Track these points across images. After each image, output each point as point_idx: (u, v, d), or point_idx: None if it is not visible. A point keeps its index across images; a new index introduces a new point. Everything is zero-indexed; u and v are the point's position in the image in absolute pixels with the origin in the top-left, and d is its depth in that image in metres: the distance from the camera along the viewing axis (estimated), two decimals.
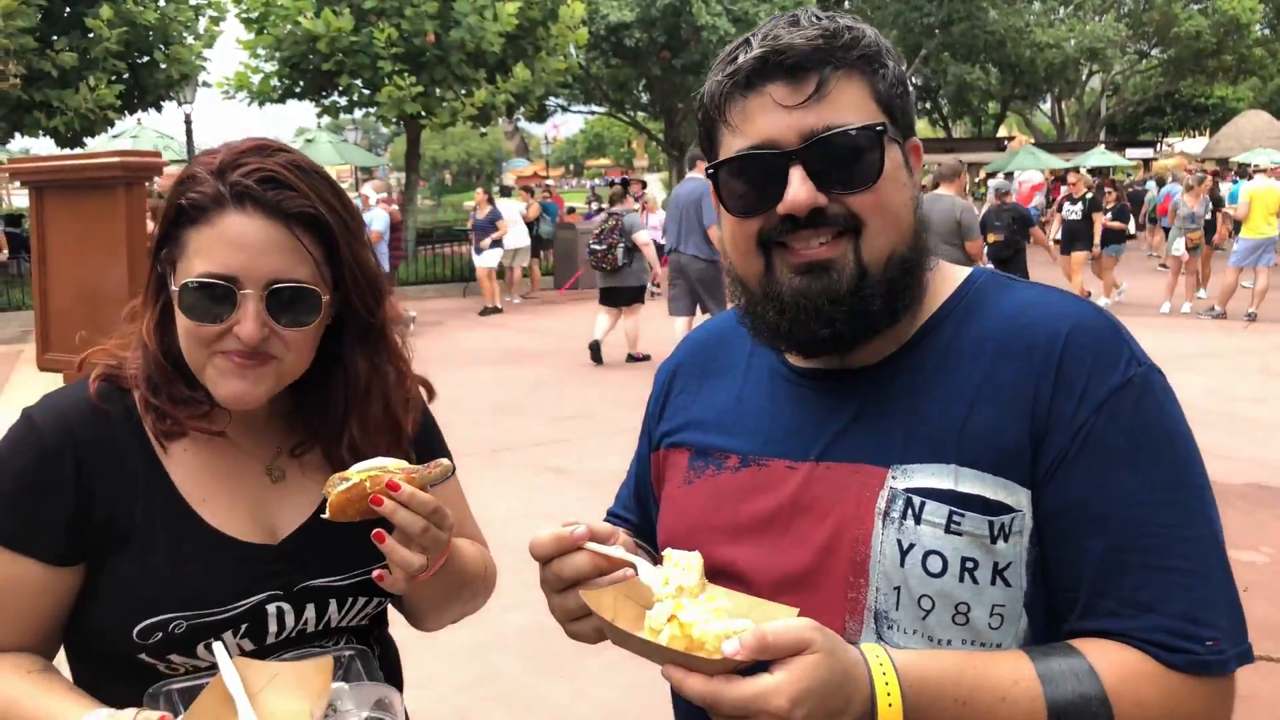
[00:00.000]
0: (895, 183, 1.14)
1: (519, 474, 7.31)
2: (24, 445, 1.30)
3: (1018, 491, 1.08)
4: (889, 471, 1.12)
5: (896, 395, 1.15)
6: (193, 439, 1.35)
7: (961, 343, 1.16)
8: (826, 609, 1.10)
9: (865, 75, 1.13)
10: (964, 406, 1.11)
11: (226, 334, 1.25)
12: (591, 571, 1.11)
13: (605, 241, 11.08)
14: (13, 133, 17.63)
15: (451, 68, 18.99)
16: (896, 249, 1.14)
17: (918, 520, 1.09)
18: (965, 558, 1.07)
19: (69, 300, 4.75)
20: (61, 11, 17.10)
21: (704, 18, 23.58)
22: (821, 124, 1.10)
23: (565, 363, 11.80)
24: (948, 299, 1.20)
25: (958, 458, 1.09)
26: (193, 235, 1.26)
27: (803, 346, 1.18)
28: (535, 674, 4.35)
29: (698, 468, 1.28)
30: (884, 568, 1.10)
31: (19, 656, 1.29)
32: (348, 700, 1.21)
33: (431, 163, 64.12)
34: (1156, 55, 38.71)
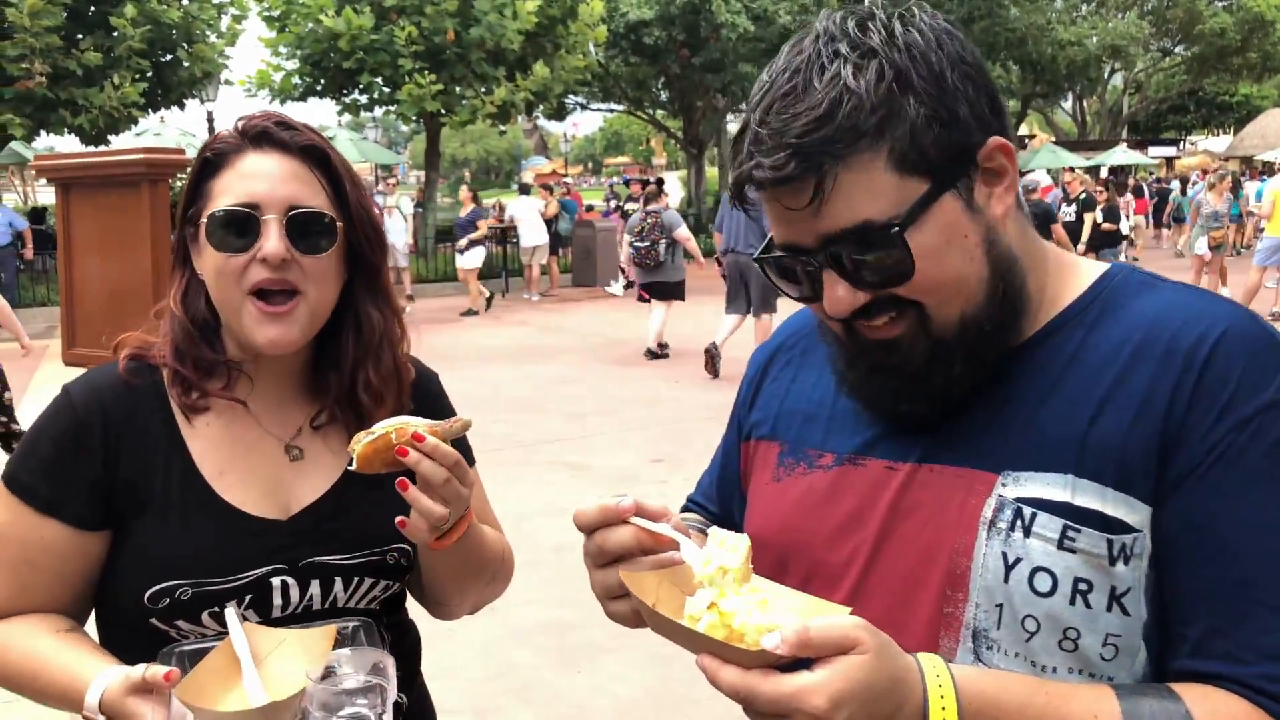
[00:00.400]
0: (945, 250, 1.00)
1: (537, 470, 7.35)
2: (60, 415, 1.39)
3: (1139, 509, 0.97)
4: (999, 478, 1.02)
5: (1013, 398, 1.05)
6: (216, 414, 1.41)
7: (1092, 346, 1.04)
8: (919, 623, 1.03)
9: (875, 149, 0.97)
10: (1089, 413, 1.00)
11: (252, 264, 1.32)
12: (635, 547, 1.05)
13: (647, 238, 11.55)
14: (38, 130, 17.79)
15: (471, 66, 19.05)
16: (968, 311, 1.03)
17: (1027, 533, 0.99)
18: (1079, 578, 0.97)
19: (94, 296, 4.81)
20: (86, 10, 17.24)
21: (723, 15, 23.52)
22: (834, 227, 0.99)
23: (584, 360, 11.84)
24: (1079, 296, 1.08)
25: (1077, 468, 0.98)
26: (215, 183, 1.37)
27: (891, 420, 1.11)
28: (553, 668, 4.38)
29: (788, 464, 1.20)
30: (986, 582, 1.00)
31: (50, 617, 1.37)
32: (346, 664, 1.24)
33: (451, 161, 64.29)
34: (1180, 52, 38.38)
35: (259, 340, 1.35)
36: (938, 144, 0.99)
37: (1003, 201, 1.04)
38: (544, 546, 5.70)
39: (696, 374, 10.64)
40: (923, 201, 0.99)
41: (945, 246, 1.00)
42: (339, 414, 1.46)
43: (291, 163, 1.37)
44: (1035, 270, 1.08)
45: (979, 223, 1.02)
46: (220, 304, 1.37)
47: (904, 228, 0.98)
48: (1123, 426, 0.98)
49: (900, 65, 0.98)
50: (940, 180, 0.99)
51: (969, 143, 1.01)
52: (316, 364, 1.47)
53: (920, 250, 0.99)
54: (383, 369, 1.46)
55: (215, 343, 1.42)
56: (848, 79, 0.97)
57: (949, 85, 0.99)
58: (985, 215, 1.03)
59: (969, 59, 1.02)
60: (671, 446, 7.94)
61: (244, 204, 1.33)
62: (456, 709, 3.96)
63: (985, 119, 1.02)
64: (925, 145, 0.98)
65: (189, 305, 1.41)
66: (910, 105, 0.97)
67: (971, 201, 1.02)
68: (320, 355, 1.46)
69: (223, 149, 1.38)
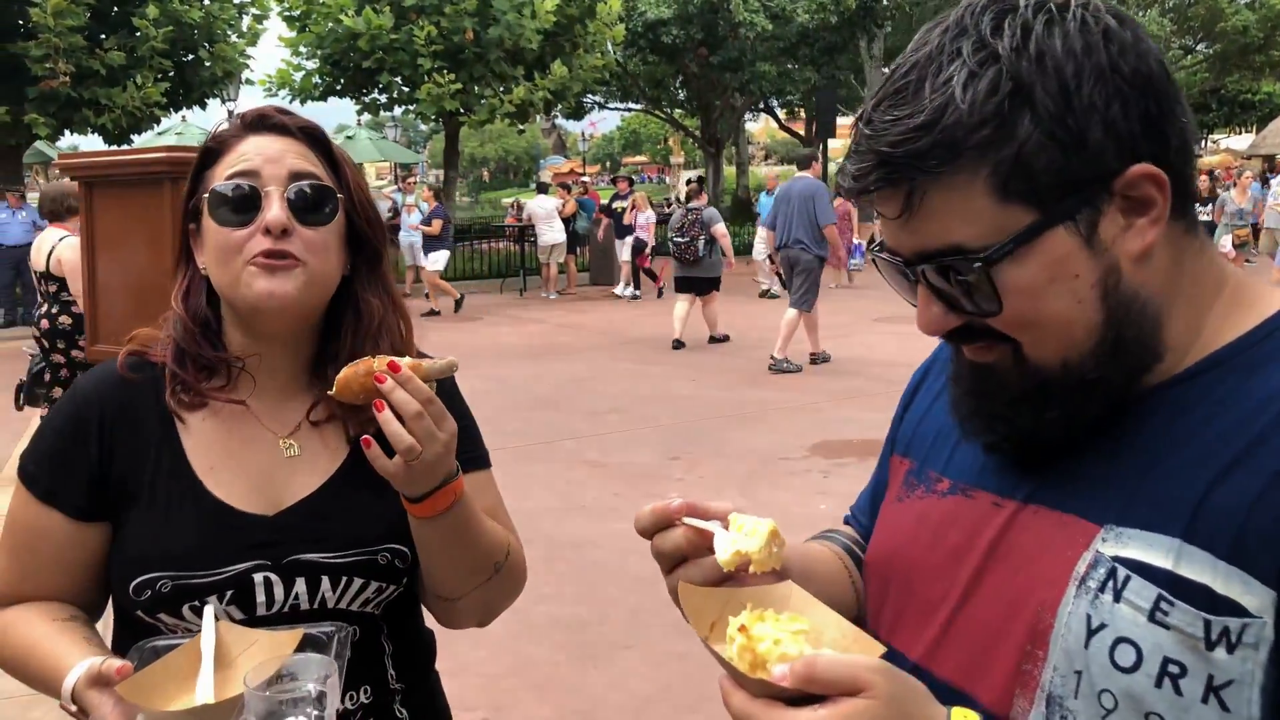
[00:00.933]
0: (1045, 289, 0.90)
1: (554, 467, 7.37)
2: (65, 405, 1.43)
3: (1258, 592, 0.82)
4: (1100, 531, 0.91)
5: (1140, 442, 0.92)
6: (212, 409, 1.41)
7: (1245, 394, 0.89)
8: (997, 675, 0.96)
9: (974, 169, 0.87)
10: (1217, 470, 0.86)
11: (254, 236, 1.33)
12: (687, 548, 1.02)
13: (687, 234, 11.95)
14: (63, 130, 17.95)
15: (490, 65, 19.12)
16: (1071, 356, 0.92)
17: (1117, 597, 0.88)
18: (1169, 659, 0.84)
19: (117, 293, 4.86)
20: (109, 11, 17.38)
21: (741, 14, 23.51)
22: (924, 245, 0.92)
23: (601, 358, 11.86)
24: (1246, 334, 0.93)
25: (1187, 533, 0.85)
26: (215, 169, 1.39)
27: (987, 451, 1.03)
28: (569, 664, 4.40)
29: (910, 484, 1.14)
30: (1066, 644, 0.90)
31: (53, 605, 1.39)
32: (303, 672, 1.19)
33: (470, 160, 64.43)
34: (1202, 50, 38.07)
35: (256, 291, 1.33)
36: (1053, 170, 0.86)
37: (1142, 237, 0.90)
38: (561, 543, 5.72)
39: (715, 372, 10.66)
40: (1025, 235, 0.88)
41: (1047, 285, 0.90)
42: (336, 409, 1.43)
43: (291, 141, 1.40)
44: (1191, 306, 0.94)
45: (1098, 261, 0.90)
46: (221, 282, 1.36)
47: (994, 261, 0.89)
48: (1251, 492, 0.84)
49: (1022, 76, 0.86)
50: (1051, 212, 0.88)
51: (1100, 170, 0.87)
52: (316, 360, 1.46)
53: (1014, 286, 0.90)
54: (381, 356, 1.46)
55: (217, 341, 1.42)
56: (957, 87, 0.86)
57: (1081, 103, 0.86)
58: (1110, 253, 0.90)
59: (1129, 69, 0.87)
60: (689, 444, 7.95)
61: (244, 176, 1.35)
62: (473, 704, 3.98)
63: (1130, 142, 0.87)
64: (1036, 170, 0.86)
65: (190, 303, 1.42)
66: (1024, 124, 0.86)
67: (1093, 237, 0.89)
68: (321, 351, 1.46)
69: (222, 136, 1.42)
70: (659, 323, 13.97)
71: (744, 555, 0.96)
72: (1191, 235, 0.95)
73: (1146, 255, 0.91)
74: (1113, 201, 0.89)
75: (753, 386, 9.92)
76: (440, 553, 1.38)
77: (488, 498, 1.51)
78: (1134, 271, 0.91)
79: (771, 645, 0.84)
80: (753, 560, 0.96)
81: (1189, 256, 0.95)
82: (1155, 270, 0.93)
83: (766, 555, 0.96)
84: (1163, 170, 0.89)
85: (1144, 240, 0.90)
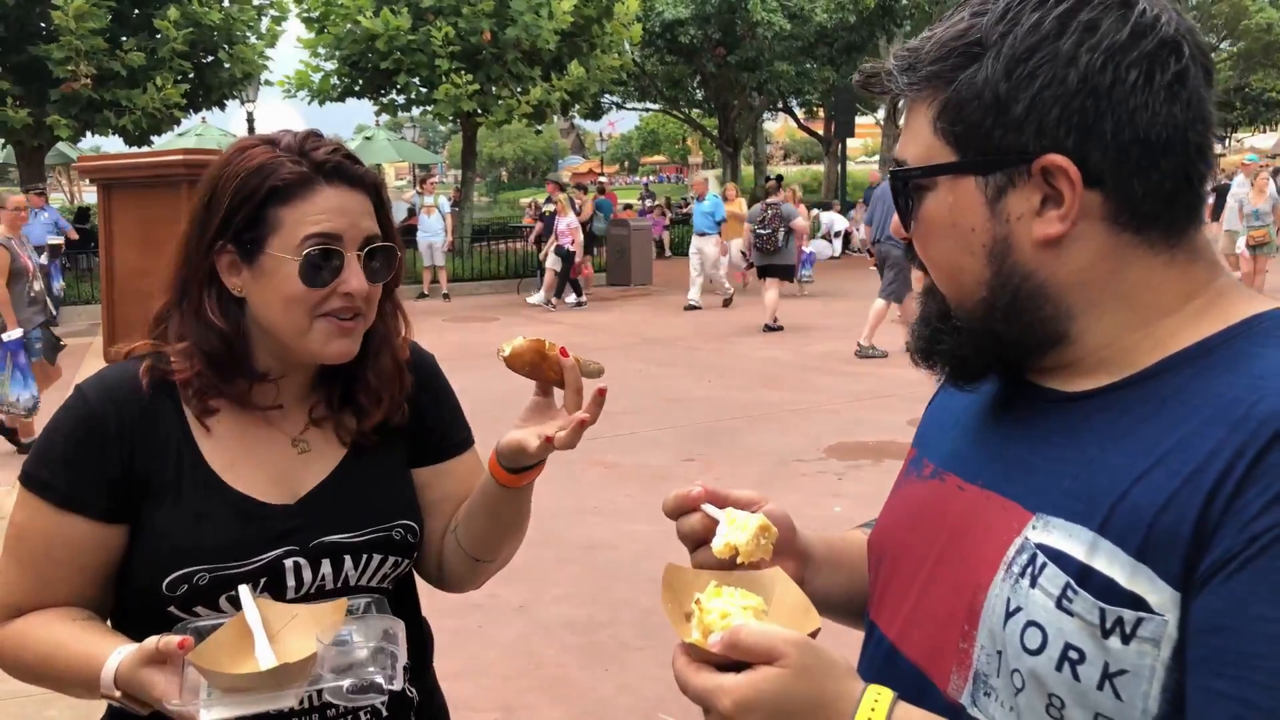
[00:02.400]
0: (944, 230, 0.99)
1: (568, 467, 7.37)
2: (74, 412, 1.44)
3: (1160, 589, 0.84)
4: (1033, 518, 0.94)
5: (1087, 435, 0.95)
6: (225, 416, 1.46)
7: (1188, 395, 0.90)
8: (941, 653, 1.00)
9: (929, 97, 0.97)
10: (1142, 468, 0.88)
11: (330, 296, 1.40)
12: (703, 533, 1.11)
13: (769, 227, 13.60)
14: (84, 131, 18.12)
15: (507, 66, 19.17)
16: (962, 302, 1.01)
17: (1033, 582, 0.91)
18: (1070, 644, 0.88)
19: (134, 294, 4.91)
20: (130, 13, 17.53)
21: (759, 14, 23.46)
22: (897, 153, 1.03)
23: (617, 358, 11.86)
24: (1201, 340, 0.94)
25: (1102, 526, 0.88)
26: (286, 212, 1.39)
27: (945, 382, 1.10)
28: (580, 666, 4.40)
29: (908, 470, 1.19)
30: (990, 624, 0.95)
31: (69, 610, 1.41)
32: (357, 634, 1.29)
33: (488, 160, 64.60)
34: (1225, 48, 37.75)
35: (329, 353, 1.42)
36: (975, 123, 0.94)
37: (1048, 226, 0.93)
38: (573, 544, 5.73)
39: (730, 374, 10.65)
40: (938, 169, 0.98)
41: (947, 226, 0.99)
42: (334, 412, 1.53)
43: (360, 199, 1.43)
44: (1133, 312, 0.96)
45: (996, 228, 0.96)
46: (281, 326, 1.41)
47: (913, 182, 1.00)
48: (1164, 492, 0.85)
49: (986, 33, 0.93)
50: (967, 160, 0.96)
51: (1018, 145, 0.93)
52: (325, 369, 1.52)
53: (925, 214, 1.01)
54: (380, 369, 1.52)
55: (248, 355, 1.45)
56: (944, 28, 0.98)
57: (1021, 75, 0.91)
58: (1010, 226, 0.95)
59: (1085, 67, 0.90)
60: (704, 446, 7.95)
61: (330, 242, 1.39)
62: (484, 706, 3.98)
63: (1053, 130, 0.91)
64: (964, 117, 0.95)
65: (229, 319, 1.43)
66: (969, 72, 0.93)
67: (997, 204, 0.95)
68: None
69: (295, 179, 1.40)
70: (676, 323, 13.95)
71: (733, 547, 1.06)
72: (1148, 248, 0.95)
73: (1054, 245, 0.95)
74: (1030, 181, 0.94)
75: (768, 388, 9.90)
76: (510, 519, 1.54)
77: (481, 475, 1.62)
78: (1035, 254, 0.96)
79: (718, 617, 0.93)
80: (740, 551, 1.05)
81: (1136, 267, 0.96)
82: (1068, 264, 0.96)
83: (754, 547, 1.05)
84: (1082, 171, 0.91)
85: (1049, 230, 0.94)
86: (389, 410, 1.53)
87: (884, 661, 1.08)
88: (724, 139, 29.36)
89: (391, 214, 1.51)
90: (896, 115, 4.12)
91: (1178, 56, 0.91)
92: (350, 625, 1.30)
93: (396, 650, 1.28)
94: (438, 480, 1.60)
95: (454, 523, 1.59)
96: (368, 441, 1.53)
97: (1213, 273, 0.98)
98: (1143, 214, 0.93)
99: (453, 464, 1.63)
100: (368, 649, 1.27)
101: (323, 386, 1.53)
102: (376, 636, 1.29)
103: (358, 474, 1.51)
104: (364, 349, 1.48)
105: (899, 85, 1.00)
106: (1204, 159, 0.94)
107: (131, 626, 1.42)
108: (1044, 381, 1.02)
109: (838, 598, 1.23)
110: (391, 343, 1.54)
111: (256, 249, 1.41)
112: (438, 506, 1.59)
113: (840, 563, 1.26)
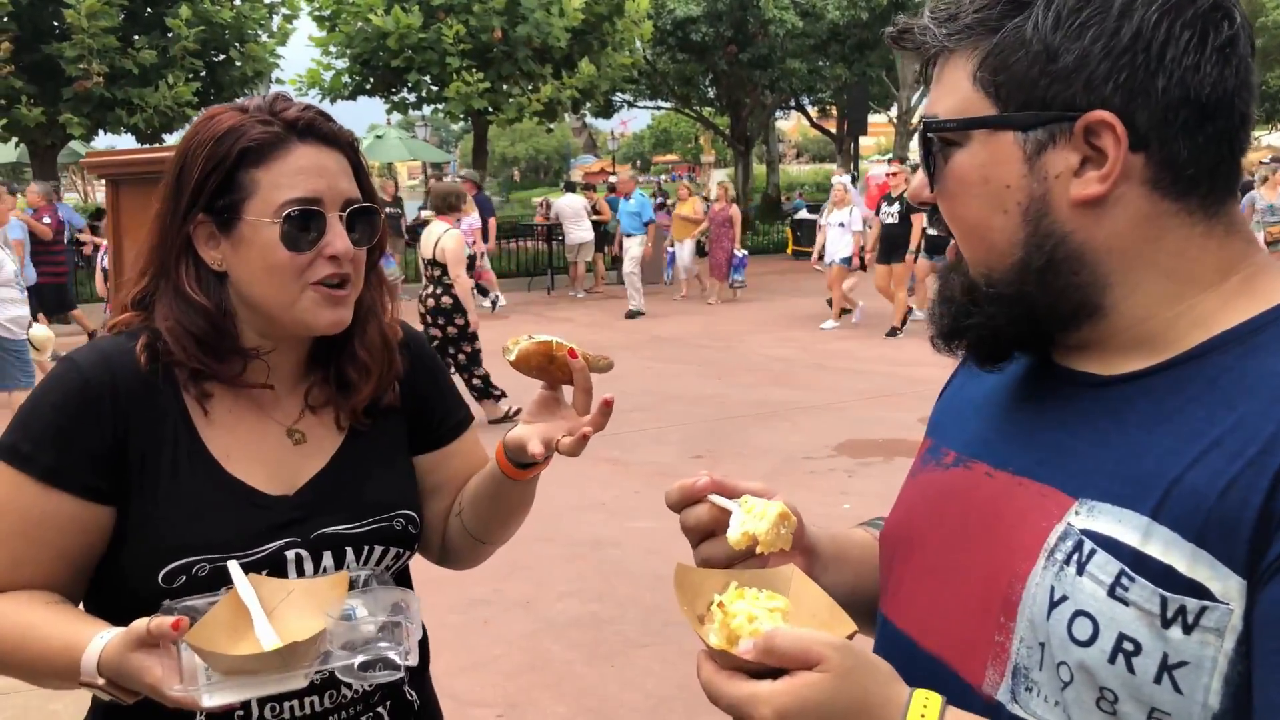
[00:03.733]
0: (977, 187, 0.94)
1: (575, 464, 7.29)
2: (65, 380, 1.33)
3: (1225, 577, 0.79)
4: (1075, 503, 0.90)
5: (1131, 417, 0.91)
6: (219, 401, 1.40)
7: (1239, 374, 0.86)
8: (972, 648, 0.95)
9: (966, 51, 0.93)
10: (1197, 450, 0.84)
11: (315, 260, 1.34)
12: (710, 524, 1.08)
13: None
14: (97, 130, 18.19)
15: (518, 64, 19.17)
16: (993, 265, 0.95)
17: (1080, 570, 0.86)
18: (1124, 635, 0.83)
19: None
20: (142, 12, 17.60)
21: (771, 11, 23.40)
22: (929, 109, 0.98)
23: (627, 355, 11.85)
24: (1246, 320, 0.90)
25: (1155, 511, 0.84)
26: (260, 174, 1.33)
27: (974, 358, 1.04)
28: (585, 662, 4.38)
29: (925, 459, 1.14)
30: (1030, 615, 0.90)
31: (37, 593, 1.31)
32: (362, 608, 1.22)
33: (501, 159, 64.70)
34: None
35: (320, 324, 1.37)
36: (1020, 76, 0.90)
37: (1087, 187, 0.90)
38: (580, 541, 5.71)
39: (739, 371, 10.61)
40: (975, 123, 0.93)
41: (980, 183, 0.94)
42: (327, 393, 1.47)
43: (337, 157, 1.38)
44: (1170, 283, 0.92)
45: (1033, 185, 0.91)
46: (267, 297, 1.35)
47: (943, 132, 0.95)
48: (1224, 476, 0.81)
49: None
50: (1007, 114, 0.91)
51: (1064, 99, 0.88)
52: (316, 349, 1.48)
53: (955, 170, 0.95)
54: (369, 341, 1.47)
55: (235, 334, 1.39)
56: None
57: (1070, 27, 0.87)
58: (1049, 184, 0.91)
59: (1136, 24, 0.87)
60: (712, 442, 7.92)
61: (310, 202, 1.33)
62: (489, 701, 3.96)
63: (1100, 85, 0.87)
64: (1007, 69, 0.90)
65: (211, 295, 1.37)
66: (1015, 23, 0.89)
67: (1036, 161, 0.91)
68: (319, 339, 1.46)
69: (266, 139, 1.33)
70: (684, 321, 13.93)
71: (751, 536, 1.00)
72: (1186, 216, 0.92)
73: (1092, 207, 0.91)
74: (1072, 140, 0.90)
75: (778, 385, 9.88)
76: (516, 506, 1.54)
77: (480, 450, 1.63)
78: (1072, 215, 0.92)
79: (744, 621, 0.88)
80: (760, 541, 1.00)
81: (1174, 235, 0.92)
82: (1105, 228, 0.92)
83: (774, 536, 1.00)
84: (1128, 131, 0.88)
85: (1087, 191, 0.90)
86: (379, 386, 1.48)
87: (904, 658, 1.00)
88: (736, 137, 29.30)
89: (369, 176, 1.46)
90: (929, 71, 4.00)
91: (1230, 21, 0.89)
92: (355, 599, 1.23)
93: (409, 624, 1.22)
94: (442, 463, 1.58)
95: (458, 505, 1.56)
96: (362, 425, 1.48)
97: (1250, 248, 0.95)
98: (1184, 179, 0.90)
99: (455, 446, 1.60)
100: (376, 623, 1.21)
101: (316, 368, 1.47)
102: (385, 610, 1.23)
103: (355, 463, 1.46)
104: (358, 316, 1.44)
105: (936, 38, 0.95)
106: (1246, 128, 0.91)
107: (118, 620, 1.32)
108: (1076, 364, 0.98)
109: (843, 595, 1.17)
110: (379, 315, 1.49)
111: (233, 216, 1.34)
112: (442, 489, 1.58)
113: (846, 559, 1.22)
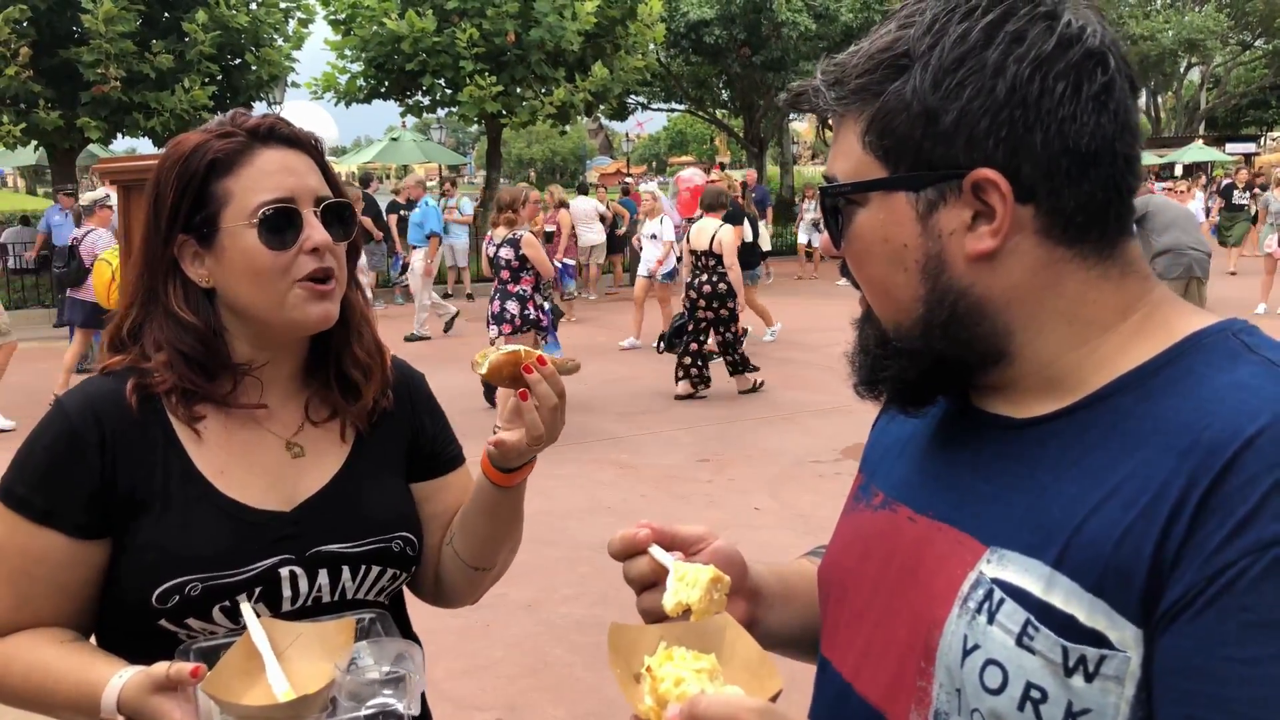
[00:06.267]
0: (876, 247, 0.95)
1: (584, 468, 7.37)
2: (53, 425, 1.39)
3: (1121, 626, 0.81)
4: (987, 551, 0.91)
5: (1043, 462, 0.91)
6: (212, 420, 1.41)
7: (1136, 419, 0.87)
8: (898, 693, 0.97)
9: (855, 114, 0.94)
10: (1096, 500, 0.85)
11: (297, 257, 1.37)
12: (651, 576, 1.07)
13: None
14: (114, 134, 18.34)
15: (531, 67, 19.20)
16: (900, 321, 0.97)
17: (990, 619, 0.88)
18: (1031, 684, 0.84)
19: None
20: (159, 16, 17.71)
21: (784, 14, 23.38)
22: (827, 171, 1.00)
23: (639, 359, 11.86)
24: (1145, 362, 0.90)
25: (1057, 560, 0.85)
26: (231, 182, 1.37)
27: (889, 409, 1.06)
28: (586, 666, 4.40)
29: (857, 497, 1.15)
30: (948, 662, 0.91)
31: (52, 630, 1.37)
32: (368, 656, 1.25)
33: (517, 161, 64.81)
34: (1260, 46, 37.18)
35: (310, 319, 1.39)
36: (904, 137, 0.91)
37: (980, 242, 0.91)
38: (584, 544, 5.72)
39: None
40: (868, 185, 0.94)
41: (879, 242, 0.95)
42: (330, 401, 1.49)
43: (302, 157, 1.41)
44: (1072, 326, 0.93)
45: (928, 243, 0.93)
46: (255, 302, 1.38)
47: (843, 197, 0.97)
48: (1119, 526, 0.82)
49: (914, 46, 0.90)
50: (897, 176, 0.92)
51: (948, 159, 0.90)
52: (310, 361, 1.50)
53: (856, 231, 0.97)
54: (365, 344, 1.51)
55: (225, 350, 1.41)
56: (872, 40, 0.95)
57: (949, 87, 0.88)
58: (942, 242, 0.92)
59: (1013, 77, 0.87)
60: (719, 447, 7.93)
61: (284, 200, 1.36)
62: (488, 704, 3.98)
63: (982, 142, 0.88)
64: (892, 131, 0.91)
65: (200, 313, 1.40)
66: (896, 86, 0.90)
67: (929, 219, 0.92)
68: (313, 351, 1.49)
69: (231, 148, 1.37)
70: None
71: (685, 605, 1.00)
72: (1081, 261, 0.93)
73: (987, 260, 0.92)
74: (961, 197, 0.91)
75: (786, 388, 9.87)
76: (504, 520, 1.52)
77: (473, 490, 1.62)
78: (969, 270, 0.93)
79: (672, 685, 0.90)
80: (693, 610, 1.00)
81: (1071, 281, 0.93)
82: (1003, 280, 0.93)
83: (707, 604, 1.00)
84: (1013, 185, 0.89)
85: (981, 245, 0.91)
86: (378, 387, 1.50)
87: (836, 698, 1.04)
88: (750, 139, 29.28)
89: (335, 175, 1.48)
90: (831, 131, 3.99)
91: (1104, 68, 0.89)
92: (360, 647, 1.26)
93: (414, 674, 1.24)
94: (435, 495, 1.59)
95: (449, 534, 1.56)
96: (368, 434, 1.50)
97: (1146, 285, 0.96)
98: (1075, 226, 0.91)
99: (450, 478, 1.61)
100: (382, 673, 1.23)
101: (313, 380, 1.49)
102: (390, 659, 1.25)
103: (357, 483, 1.47)
104: (345, 324, 1.46)
105: (826, 101, 0.96)
106: (1132, 170, 0.92)
107: (119, 643, 1.38)
108: (992, 407, 0.98)
109: (793, 633, 1.20)
110: (367, 316, 1.53)
111: (212, 229, 1.38)
112: (434, 521, 1.57)
113: (792, 596, 1.22)
